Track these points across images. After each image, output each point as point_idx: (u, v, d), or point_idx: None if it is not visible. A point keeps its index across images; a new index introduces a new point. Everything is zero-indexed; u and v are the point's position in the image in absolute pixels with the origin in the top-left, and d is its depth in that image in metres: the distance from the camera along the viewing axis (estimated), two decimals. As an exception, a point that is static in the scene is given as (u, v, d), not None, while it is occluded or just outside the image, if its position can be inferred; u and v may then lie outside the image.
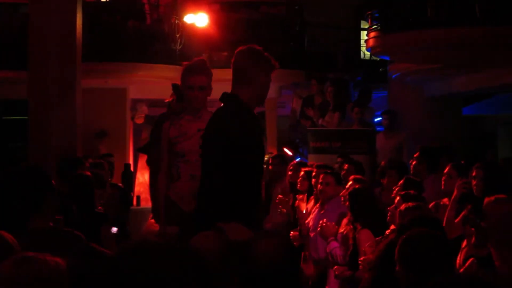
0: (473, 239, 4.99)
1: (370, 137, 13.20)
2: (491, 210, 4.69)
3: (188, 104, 6.04)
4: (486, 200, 4.86)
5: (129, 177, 13.41)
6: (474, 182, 6.18)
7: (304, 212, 8.12)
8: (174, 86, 7.59)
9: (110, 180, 9.76)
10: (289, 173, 9.14)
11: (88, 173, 7.09)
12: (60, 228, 5.04)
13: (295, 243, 7.45)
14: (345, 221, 6.95)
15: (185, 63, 6.24)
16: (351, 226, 6.60)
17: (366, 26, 14.27)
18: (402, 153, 12.09)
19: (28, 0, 10.25)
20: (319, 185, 7.59)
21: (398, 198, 6.16)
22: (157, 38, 14.95)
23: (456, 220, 6.32)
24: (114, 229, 6.86)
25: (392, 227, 5.92)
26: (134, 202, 12.29)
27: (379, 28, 10.80)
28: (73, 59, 9.82)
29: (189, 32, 14.90)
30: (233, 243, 3.13)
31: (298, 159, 10.95)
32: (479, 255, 4.74)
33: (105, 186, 8.17)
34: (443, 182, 7.08)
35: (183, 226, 5.53)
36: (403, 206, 5.46)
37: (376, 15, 10.90)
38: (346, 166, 8.76)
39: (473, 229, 5.10)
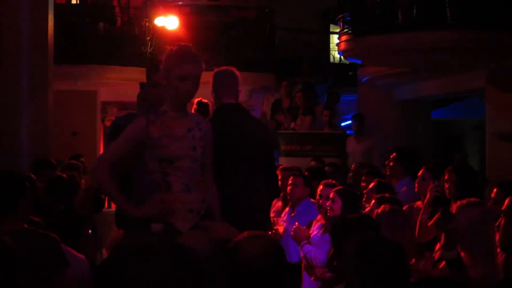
0: (442, 241, 5.01)
1: (341, 140, 13.31)
2: (463, 214, 4.72)
3: (172, 98, 4.75)
4: (458, 203, 4.89)
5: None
6: (446, 186, 6.21)
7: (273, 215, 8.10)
8: (142, 85, 6.39)
9: (83, 182, 9.70)
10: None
11: (64, 175, 7.05)
12: (36, 230, 5.02)
13: None
14: (315, 223, 6.96)
15: (169, 47, 4.96)
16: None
17: (336, 30, 14.35)
18: (372, 156, 12.17)
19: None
20: (288, 187, 7.61)
21: (373, 201, 6.20)
22: (127, 41, 14.91)
23: (429, 223, 6.36)
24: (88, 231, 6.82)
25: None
26: (106, 204, 12.19)
27: (350, 31, 10.82)
28: (44, 61, 9.76)
29: (159, 34, 14.85)
30: (220, 241, 3.07)
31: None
32: (448, 257, 4.75)
33: (78, 188, 8.14)
34: (416, 185, 7.11)
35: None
36: (379, 209, 5.49)
37: (348, 18, 10.93)
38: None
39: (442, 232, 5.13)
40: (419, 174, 7.10)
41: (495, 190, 6.14)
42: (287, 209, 7.80)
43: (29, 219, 5.21)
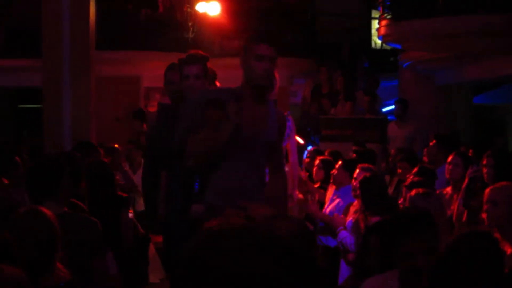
0: (464, 217, 5.00)
1: (383, 126, 13.25)
2: (501, 196, 4.70)
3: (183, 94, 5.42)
4: (496, 186, 4.86)
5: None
6: (485, 170, 6.17)
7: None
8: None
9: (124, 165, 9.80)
10: (306, 160, 9.15)
11: (105, 159, 7.13)
12: (77, 213, 5.09)
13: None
14: (352, 209, 6.96)
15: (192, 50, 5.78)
16: (362, 215, 6.60)
17: (377, 15, 14.28)
18: (415, 142, 12.10)
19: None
20: (334, 170, 7.65)
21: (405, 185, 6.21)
22: (169, 27, 14.96)
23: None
24: (130, 214, 6.87)
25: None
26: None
27: (390, 16, 10.78)
28: (86, 47, 9.85)
29: (201, 20, 14.91)
30: (258, 219, 3.02)
31: (309, 148, 10.95)
32: None
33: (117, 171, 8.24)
34: (447, 171, 7.06)
35: None
36: (413, 192, 5.48)
37: (388, 3, 10.88)
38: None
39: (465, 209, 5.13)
40: (449, 160, 7.05)
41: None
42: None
43: (71, 202, 5.29)
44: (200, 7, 14.59)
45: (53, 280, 3.73)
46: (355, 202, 6.89)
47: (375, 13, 17.12)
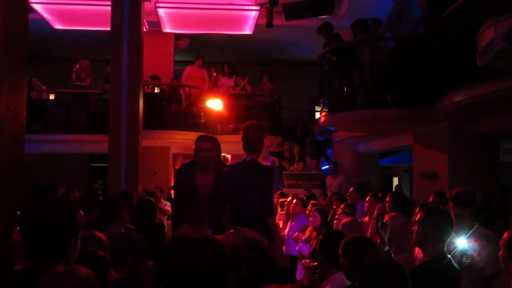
0: (378, 241, 4.94)
1: (322, 178, 13.26)
2: (391, 223, 4.65)
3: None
4: (387, 216, 4.81)
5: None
6: (387, 205, 6.15)
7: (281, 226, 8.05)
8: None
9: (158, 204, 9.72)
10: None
11: (148, 198, 7.05)
12: (129, 233, 5.01)
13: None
14: (308, 228, 6.91)
15: (201, 134, 5.75)
16: (315, 233, 6.52)
17: (319, 109, 14.45)
18: (342, 188, 12.10)
19: (109, 91, 10.33)
20: (291, 206, 7.62)
21: (338, 215, 6.19)
22: (189, 115, 15.02)
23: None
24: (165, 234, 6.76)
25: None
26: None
27: (327, 109, 10.85)
28: (136, 128, 9.86)
29: (209, 111, 14.99)
30: (249, 240, 2.90)
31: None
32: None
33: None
34: (365, 206, 7.09)
35: None
36: (343, 220, 5.45)
37: (326, 101, 10.97)
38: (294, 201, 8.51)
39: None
40: (367, 199, 7.06)
41: (417, 208, 6.06)
42: (290, 220, 7.76)
43: (125, 226, 5.21)
44: (209, 103, 14.70)
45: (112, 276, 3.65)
46: (309, 228, 6.85)
47: (317, 108, 17.34)
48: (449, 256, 3.51)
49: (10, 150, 3.59)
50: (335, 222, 6.16)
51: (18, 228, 2.36)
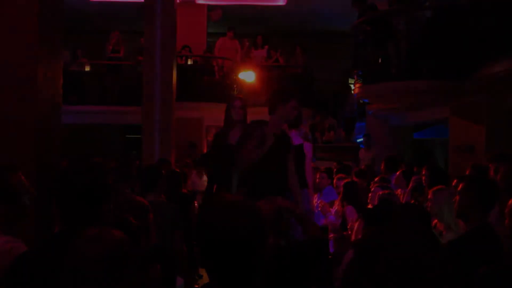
0: None
1: (355, 150, 13.15)
2: (436, 198, 4.56)
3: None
4: (430, 192, 4.73)
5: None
6: (423, 178, 6.07)
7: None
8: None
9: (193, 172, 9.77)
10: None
11: (177, 169, 7.06)
12: (166, 201, 5.06)
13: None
14: (336, 202, 6.87)
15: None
16: (341, 207, 6.48)
17: (352, 81, 14.26)
18: (375, 162, 11.99)
19: (143, 63, 10.35)
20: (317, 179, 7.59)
21: (373, 188, 6.10)
22: (222, 87, 14.99)
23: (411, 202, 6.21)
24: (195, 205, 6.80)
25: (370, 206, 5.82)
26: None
27: (361, 82, 10.70)
28: (170, 99, 9.89)
29: (241, 83, 14.93)
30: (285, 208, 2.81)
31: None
32: None
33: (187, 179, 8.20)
34: (393, 181, 7.01)
35: None
36: (380, 192, 5.37)
37: (360, 73, 10.81)
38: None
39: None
40: (396, 176, 7.00)
41: (454, 181, 5.95)
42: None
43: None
44: (241, 75, 14.64)
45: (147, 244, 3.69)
46: (337, 200, 6.81)
47: (351, 80, 17.10)
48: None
49: (49, 116, 3.63)
50: (370, 195, 6.09)
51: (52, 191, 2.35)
